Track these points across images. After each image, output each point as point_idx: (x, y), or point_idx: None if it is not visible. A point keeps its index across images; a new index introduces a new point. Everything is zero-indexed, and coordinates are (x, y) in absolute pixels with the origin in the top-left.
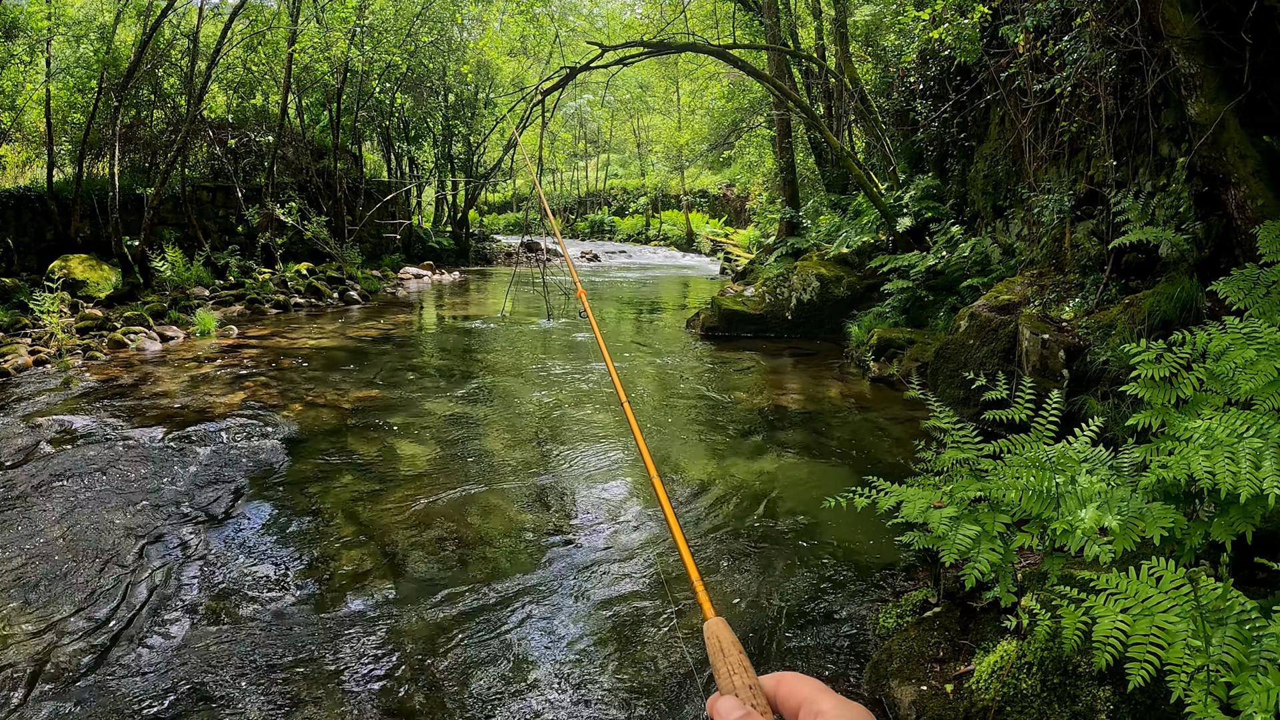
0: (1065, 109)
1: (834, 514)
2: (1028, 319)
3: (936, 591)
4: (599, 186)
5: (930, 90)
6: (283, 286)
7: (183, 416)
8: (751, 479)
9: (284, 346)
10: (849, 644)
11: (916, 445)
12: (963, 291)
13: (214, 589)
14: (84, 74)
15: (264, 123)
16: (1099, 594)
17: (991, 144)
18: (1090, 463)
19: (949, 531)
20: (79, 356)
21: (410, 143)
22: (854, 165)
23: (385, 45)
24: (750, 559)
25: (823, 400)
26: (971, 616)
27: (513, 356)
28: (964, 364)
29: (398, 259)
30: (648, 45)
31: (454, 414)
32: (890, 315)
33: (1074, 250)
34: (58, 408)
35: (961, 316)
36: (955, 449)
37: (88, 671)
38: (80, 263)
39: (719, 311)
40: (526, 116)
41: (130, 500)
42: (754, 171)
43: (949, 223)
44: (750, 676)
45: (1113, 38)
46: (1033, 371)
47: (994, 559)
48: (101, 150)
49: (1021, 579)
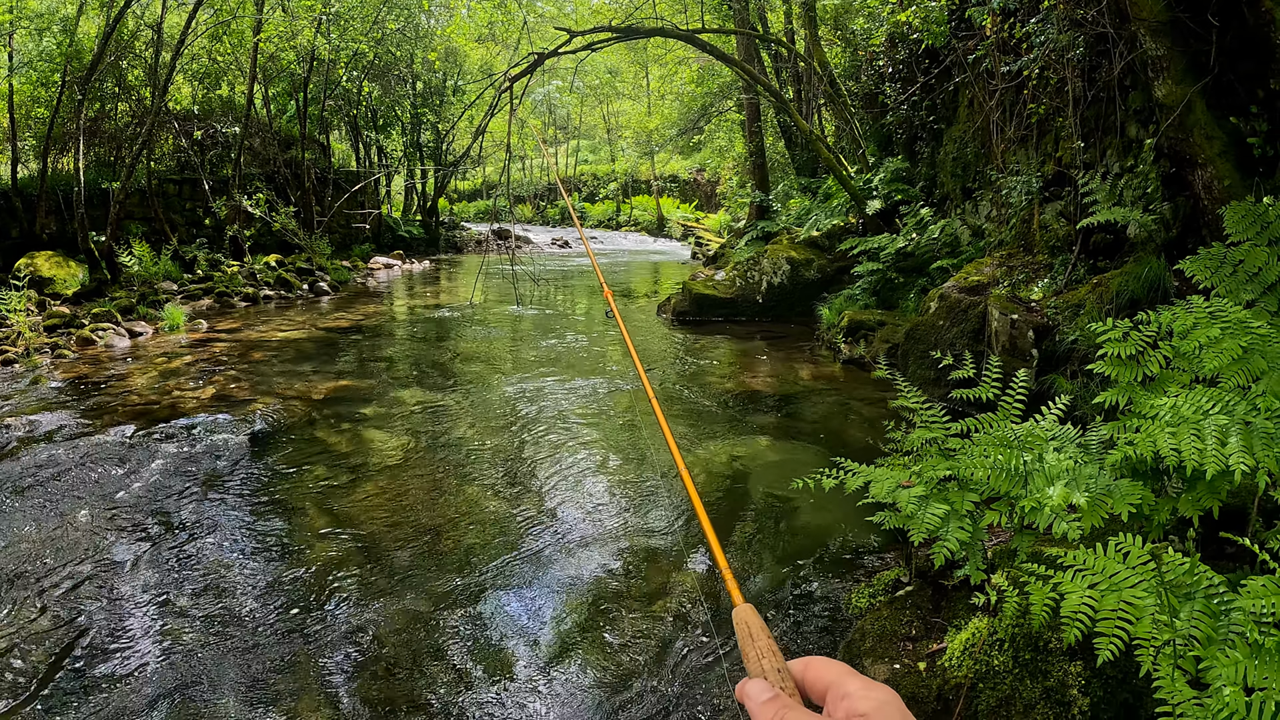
0: (1033, 91)
1: (805, 495)
2: (997, 300)
3: (908, 570)
4: (569, 173)
5: (899, 73)
6: (251, 279)
7: (153, 412)
8: (723, 462)
9: (254, 339)
10: (823, 624)
11: (887, 426)
12: (933, 273)
13: (186, 585)
14: (47, 68)
15: (230, 113)
16: (1067, 570)
17: (960, 126)
18: (1058, 440)
19: (917, 511)
20: (47, 355)
21: (379, 131)
22: (823, 149)
23: (352, 33)
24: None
25: (794, 382)
26: (943, 595)
27: (483, 344)
28: (934, 345)
29: (367, 249)
30: (616, 31)
31: (425, 402)
32: (860, 297)
33: (1043, 231)
34: (26, 407)
35: (931, 298)
36: (924, 429)
37: (56, 671)
38: (46, 260)
39: (690, 296)
40: (495, 103)
41: (100, 498)
42: (724, 156)
43: (918, 205)
44: (779, 660)
45: (1080, 20)
46: (1002, 352)
47: (963, 537)
48: (66, 145)
49: (992, 557)
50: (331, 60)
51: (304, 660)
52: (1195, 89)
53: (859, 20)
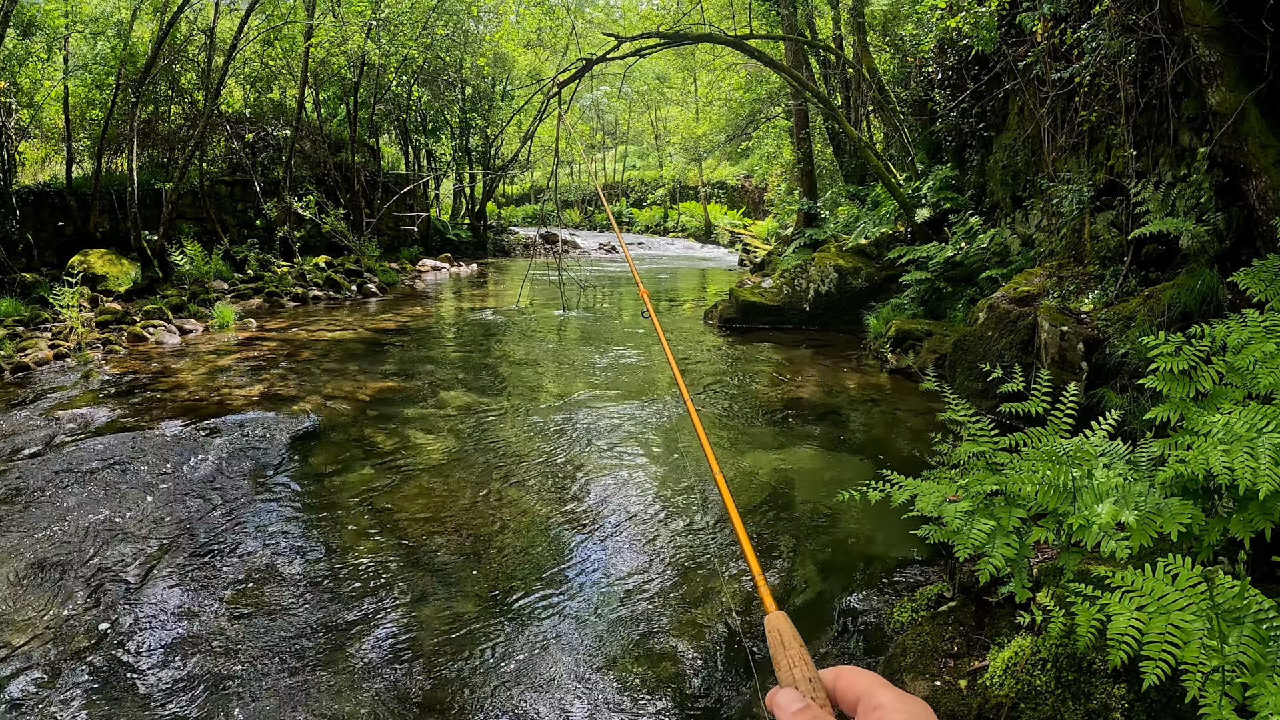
0: (1084, 98)
1: (850, 506)
2: (1047, 311)
3: (951, 586)
4: (617, 178)
5: (948, 80)
6: (301, 280)
7: (201, 409)
8: (767, 471)
9: (302, 339)
10: (863, 638)
11: (934, 438)
12: (981, 283)
13: (229, 579)
14: (102, 71)
15: (281, 117)
16: (1114, 591)
17: (1010, 134)
18: (1108, 457)
19: (964, 526)
20: (98, 350)
21: (428, 135)
22: (872, 156)
23: (402, 38)
24: (766, 552)
25: (839, 392)
26: (986, 611)
27: (529, 348)
28: (982, 356)
29: (415, 251)
30: (664, 36)
31: (470, 405)
32: (908, 307)
33: (1093, 241)
34: (77, 401)
35: (980, 308)
36: (971, 442)
37: (102, 658)
38: (100, 257)
39: (737, 303)
40: (543, 108)
41: (147, 491)
42: (772, 163)
43: (968, 214)
44: (810, 670)
45: (1132, 25)
46: (1051, 364)
47: (1009, 554)
48: (120, 146)
49: (1037, 574)
50: (381, 65)
51: (343, 657)
52: (1249, 96)
53: (908, 26)
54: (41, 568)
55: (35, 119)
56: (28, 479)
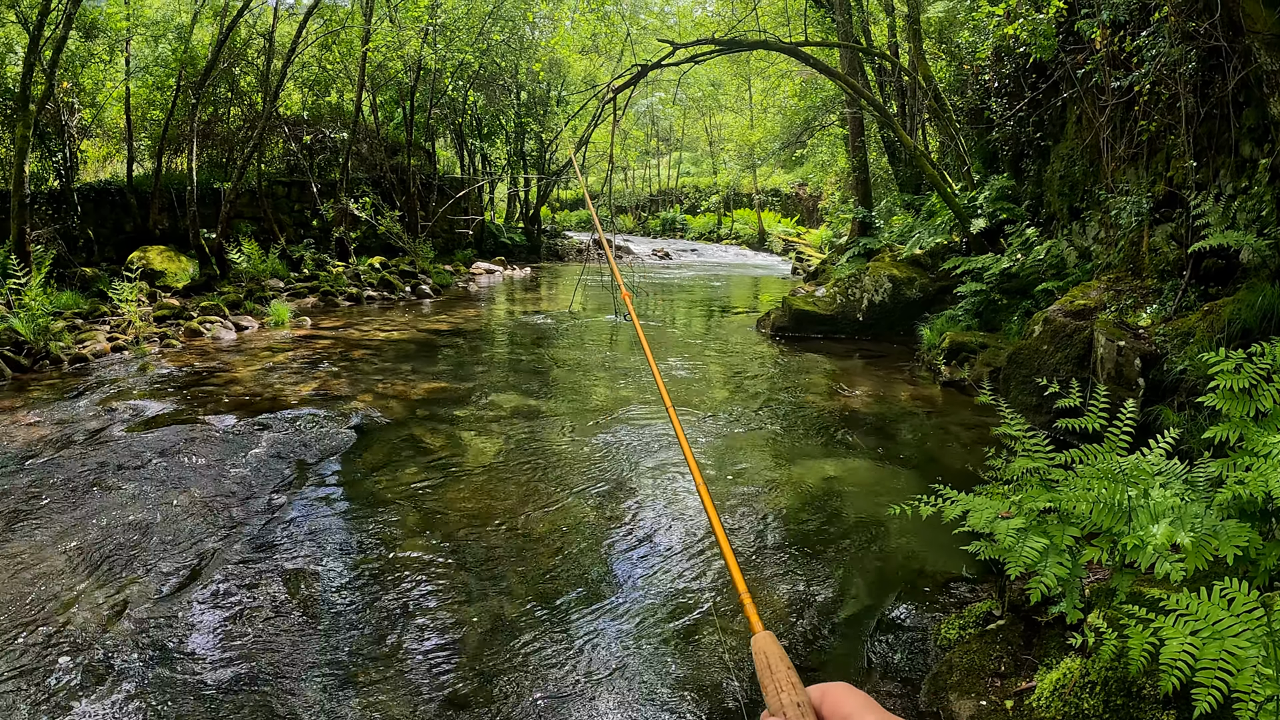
0: (1144, 107)
1: (899, 519)
2: (1103, 325)
3: (1000, 604)
4: (671, 184)
5: (1005, 88)
6: (356, 280)
7: (255, 404)
8: (817, 481)
9: (356, 338)
10: (909, 654)
11: (986, 452)
12: (1037, 295)
13: (277, 571)
14: (162, 72)
15: (338, 119)
16: (1168, 614)
17: (1068, 143)
18: (1164, 476)
19: (1016, 543)
20: (156, 344)
21: (483, 140)
22: (928, 165)
23: (458, 44)
24: (813, 563)
25: (892, 403)
26: (1035, 631)
27: (581, 352)
28: (1037, 370)
29: (470, 254)
30: (719, 43)
31: (521, 408)
32: (963, 318)
33: (1152, 254)
34: (133, 393)
35: (1036, 321)
36: (1025, 458)
37: (149, 644)
38: (159, 254)
39: (790, 311)
40: (598, 114)
41: (201, 484)
42: (826, 171)
43: (1024, 224)
44: (799, 693)
45: (1192, 33)
46: (1107, 379)
47: (1061, 573)
48: (180, 146)
49: (1089, 595)
50: (438, 70)
51: (388, 652)
52: None
53: (964, 33)
54: (94, 554)
55: (97, 119)
56: (82, 467)
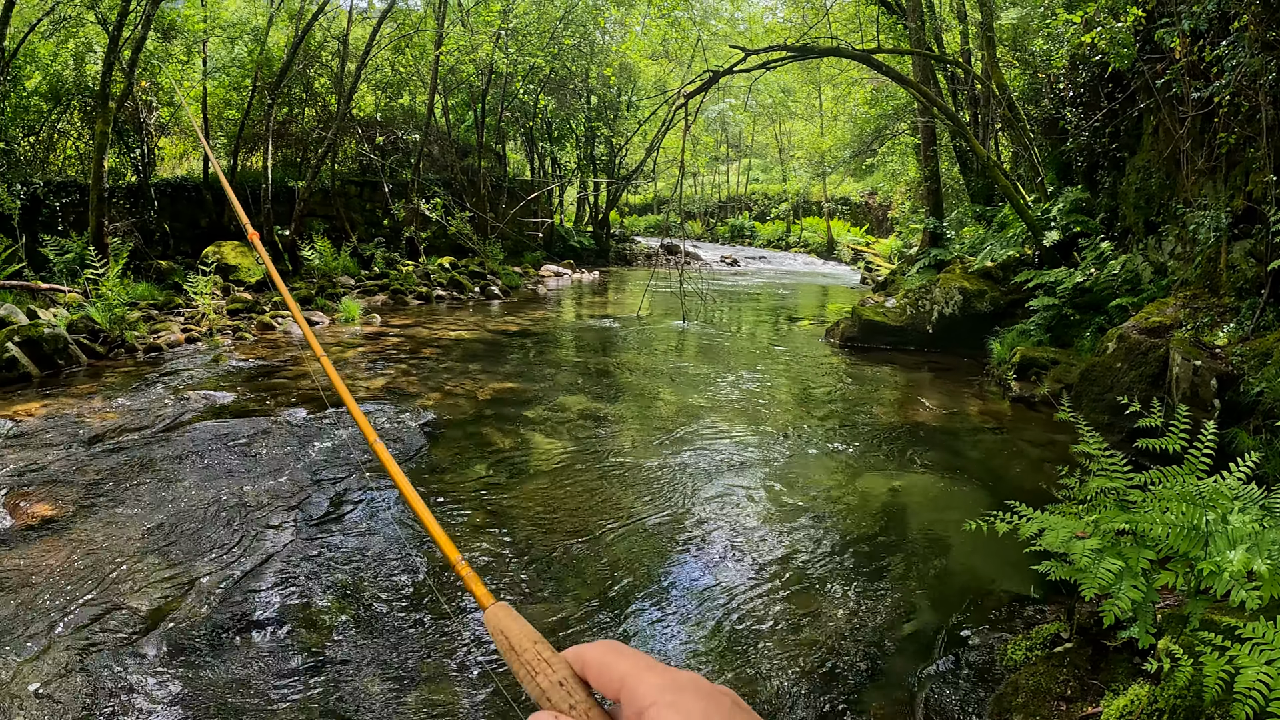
0: (1223, 119)
1: (965, 535)
2: (1179, 343)
3: (1069, 626)
4: (740, 191)
5: (1081, 97)
6: (425, 279)
7: (325, 398)
8: (882, 494)
9: (425, 336)
10: (973, 673)
11: (1057, 470)
12: (1111, 311)
13: (341, 564)
14: (239, 73)
15: (411, 121)
16: (1244, 642)
17: (1144, 155)
18: (1242, 501)
19: (1091, 564)
20: (228, 336)
21: (553, 143)
22: (1000, 175)
23: (529, 48)
24: (876, 577)
25: (960, 418)
26: (1103, 655)
27: (648, 358)
28: (1110, 388)
29: (539, 256)
30: (791, 50)
31: (588, 411)
32: (1034, 333)
33: (1230, 271)
34: (206, 382)
35: (1109, 338)
36: (1102, 477)
37: (212, 628)
38: (232, 249)
39: (859, 321)
40: (669, 119)
41: (269, 474)
42: (897, 180)
43: (1098, 238)
44: (556, 670)
45: (1272, 43)
46: (1182, 399)
47: (1135, 596)
48: (255, 145)
49: (1160, 620)
50: (509, 73)
51: (448, 646)
52: None
53: (1038, 41)
54: (163, 537)
55: (174, 117)
56: (155, 453)
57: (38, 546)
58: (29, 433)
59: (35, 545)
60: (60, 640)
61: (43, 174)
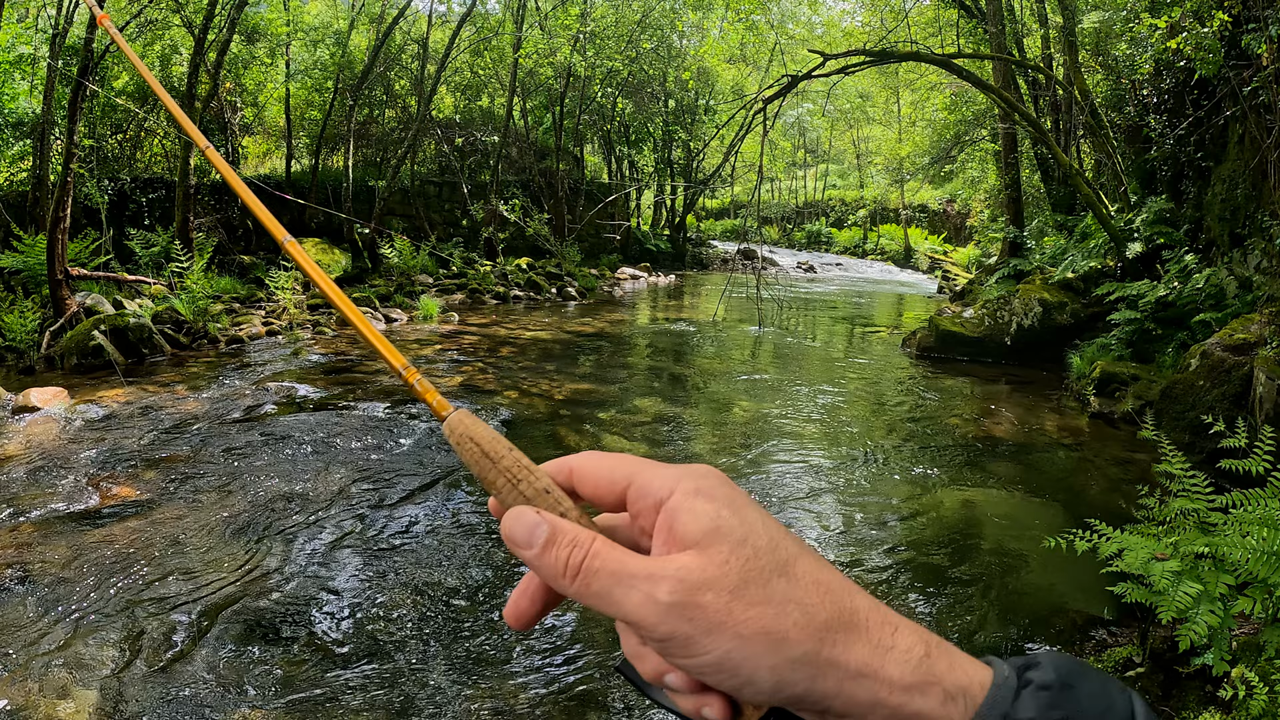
0: None
1: (1039, 553)
2: (1264, 361)
3: (1142, 650)
4: (817, 197)
5: (1165, 104)
6: (503, 279)
7: (401, 393)
8: (954, 507)
9: (502, 335)
10: None
11: (1136, 490)
12: (1194, 327)
13: (412, 558)
14: (320, 75)
15: (489, 123)
16: None
17: (1230, 165)
18: None
19: (1170, 587)
20: (308, 330)
21: (631, 146)
22: (1083, 184)
23: (607, 51)
24: (946, 590)
25: (1036, 433)
26: (1175, 682)
27: (723, 363)
28: (1191, 406)
29: (615, 259)
30: (869, 54)
31: (662, 414)
32: (1115, 348)
33: None
34: (286, 374)
35: (1192, 354)
36: (1184, 498)
37: (282, 613)
38: (313, 245)
39: (936, 331)
40: (747, 124)
41: (345, 465)
42: (976, 187)
43: (1182, 250)
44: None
45: None
46: (1265, 420)
47: (1212, 622)
48: (336, 145)
49: (1235, 647)
50: (587, 76)
51: (509, 645)
52: None
53: (1121, 45)
54: (237, 524)
55: (258, 117)
56: (235, 441)
57: (118, 526)
58: (113, 417)
59: (115, 525)
60: (130, 615)
61: (130, 170)
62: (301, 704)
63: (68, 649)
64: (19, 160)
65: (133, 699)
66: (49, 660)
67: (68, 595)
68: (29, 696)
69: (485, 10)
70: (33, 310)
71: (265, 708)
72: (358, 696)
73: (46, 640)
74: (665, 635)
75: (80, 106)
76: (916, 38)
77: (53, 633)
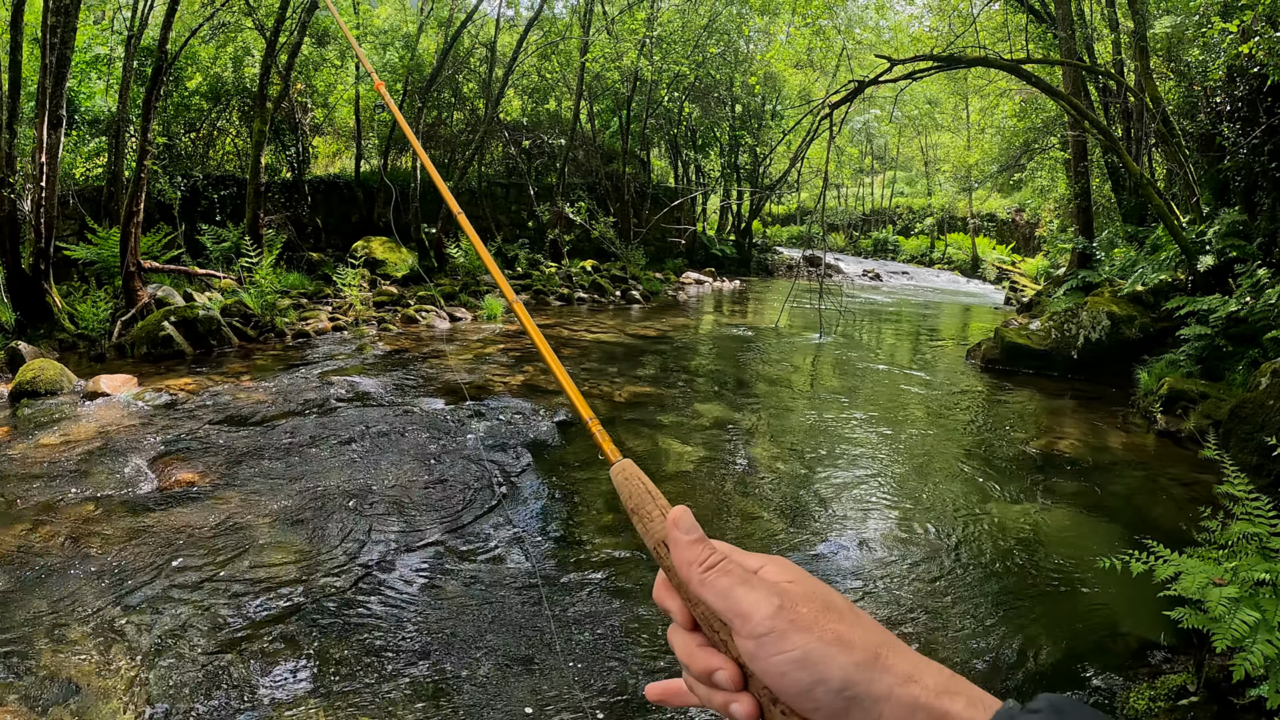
0: None
1: (1096, 573)
2: None
3: (1196, 679)
4: (884, 204)
5: (1238, 112)
6: (567, 281)
7: (463, 391)
8: (1014, 523)
9: (565, 336)
10: None
11: (1200, 511)
12: (1266, 344)
13: (467, 555)
14: (390, 78)
15: (556, 126)
16: None
17: None
18: None
19: (1226, 614)
20: (373, 327)
21: (697, 151)
22: (1154, 194)
23: (674, 56)
24: (1001, 607)
25: (1101, 450)
26: (1230, 714)
27: (785, 369)
28: (1260, 426)
29: (680, 263)
30: (938, 59)
31: (723, 419)
32: (1184, 364)
33: None
34: (351, 370)
35: (1263, 373)
36: (1245, 521)
37: (340, 605)
38: (380, 244)
39: (1001, 343)
40: (814, 129)
41: (407, 461)
42: (1045, 196)
43: (1255, 264)
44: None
45: None
46: None
47: (1269, 653)
48: (404, 146)
49: None
50: (654, 81)
51: (561, 642)
52: None
53: (1193, 51)
54: (296, 515)
55: (328, 118)
56: (299, 434)
57: (178, 510)
58: (179, 405)
59: (176, 509)
60: (184, 597)
61: (202, 168)
62: (347, 696)
63: (121, 625)
64: (95, 156)
65: (181, 677)
66: (104, 635)
67: (125, 574)
68: (82, 669)
69: (553, 15)
70: (105, 300)
71: (311, 698)
72: (403, 692)
73: (100, 616)
74: (768, 629)
75: (155, 105)
76: (985, 43)
77: (108, 610)
